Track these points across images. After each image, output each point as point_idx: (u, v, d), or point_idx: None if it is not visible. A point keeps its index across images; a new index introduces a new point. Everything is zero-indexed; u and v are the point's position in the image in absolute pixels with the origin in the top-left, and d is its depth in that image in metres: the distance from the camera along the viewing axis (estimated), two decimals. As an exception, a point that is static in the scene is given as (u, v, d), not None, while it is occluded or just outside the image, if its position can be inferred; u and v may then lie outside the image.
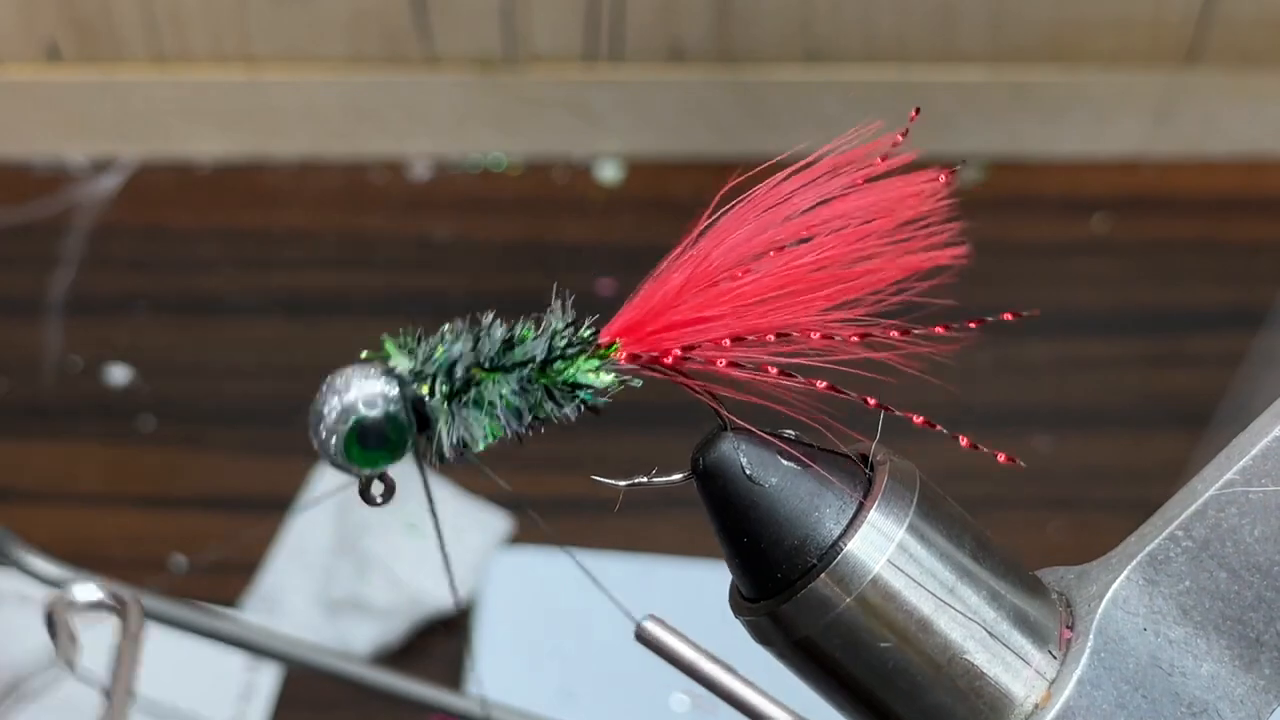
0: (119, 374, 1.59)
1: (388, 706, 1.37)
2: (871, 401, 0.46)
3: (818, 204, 0.46)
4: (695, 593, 1.43)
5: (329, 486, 1.48)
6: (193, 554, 1.47)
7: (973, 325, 0.47)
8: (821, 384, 0.45)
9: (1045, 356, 1.63)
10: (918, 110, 0.50)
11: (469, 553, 1.43)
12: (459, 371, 0.44)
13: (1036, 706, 0.46)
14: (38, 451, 1.55)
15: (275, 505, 1.47)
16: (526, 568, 1.44)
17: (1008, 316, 0.49)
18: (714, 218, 0.47)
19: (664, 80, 1.71)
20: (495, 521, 1.46)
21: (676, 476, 0.47)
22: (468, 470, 1.48)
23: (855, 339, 0.46)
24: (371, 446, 0.42)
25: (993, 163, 1.75)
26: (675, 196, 1.70)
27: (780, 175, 0.47)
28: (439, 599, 1.40)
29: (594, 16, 1.66)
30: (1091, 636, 0.46)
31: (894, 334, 0.46)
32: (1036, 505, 1.50)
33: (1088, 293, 1.70)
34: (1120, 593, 0.46)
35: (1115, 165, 1.78)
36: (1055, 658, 0.46)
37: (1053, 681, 0.46)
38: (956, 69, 1.71)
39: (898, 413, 0.46)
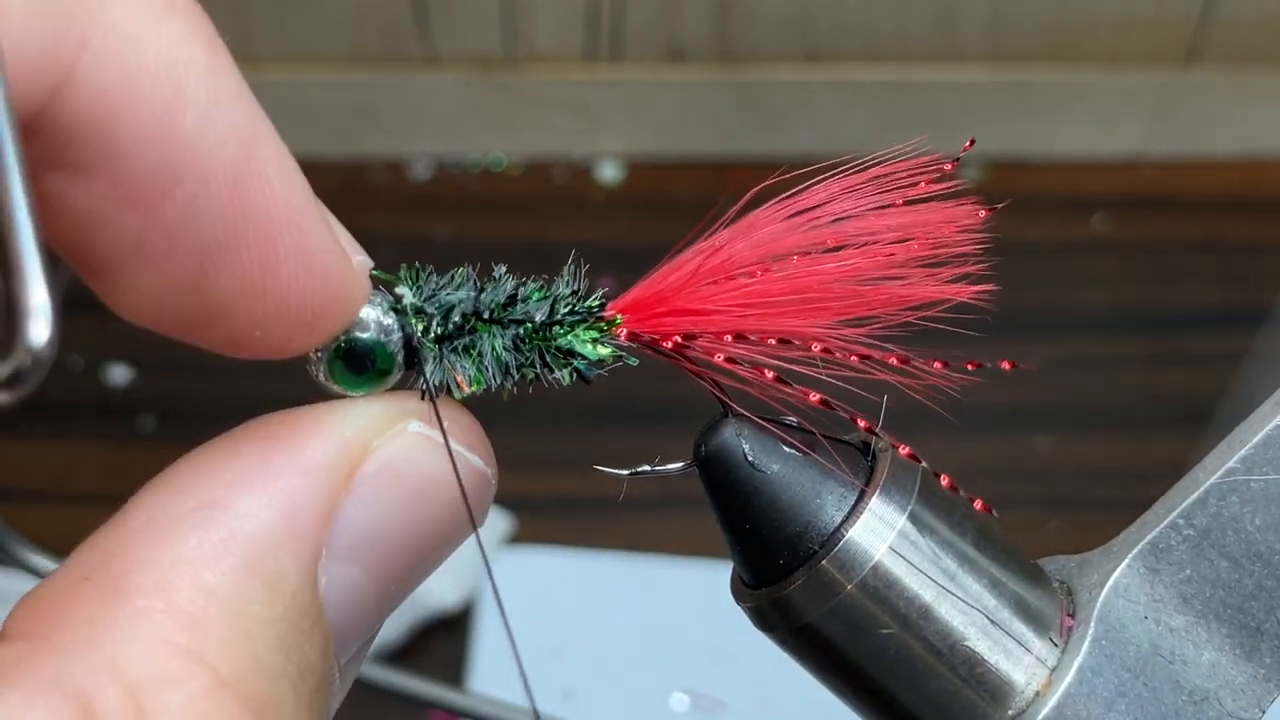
0: (119, 374, 1.59)
1: (389, 705, 1.37)
2: (863, 423, 0.46)
3: (850, 215, 0.46)
4: (695, 593, 1.44)
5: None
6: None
7: (970, 367, 0.47)
8: (815, 397, 0.45)
9: (1045, 356, 1.63)
10: (972, 141, 0.50)
11: (469, 552, 1.43)
12: (456, 317, 0.44)
13: (1037, 694, 0.45)
14: (38, 451, 1.55)
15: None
16: (526, 568, 1.44)
17: (1005, 366, 0.49)
18: (742, 211, 0.46)
19: (664, 80, 1.72)
20: (495, 521, 1.46)
21: (679, 465, 0.47)
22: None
23: (855, 358, 0.45)
24: (355, 369, 0.42)
25: (993, 163, 1.75)
26: (675, 196, 1.70)
27: (818, 179, 0.47)
28: (439, 599, 1.40)
29: (594, 16, 1.66)
30: (1093, 624, 0.46)
31: (893, 360, 0.46)
32: (1036, 505, 1.50)
33: (1088, 293, 1.70)
34: (1121, 581, 0.46)
35: (1115, 165, 1.79)
36: (1056, 645, 0.46)
37: (1054, 669, 0.46)
38: (956, 69, 1.71)
39: (884, 439, 0.46)
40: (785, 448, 0.46)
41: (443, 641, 1.42)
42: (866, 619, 0.45)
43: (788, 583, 0.46)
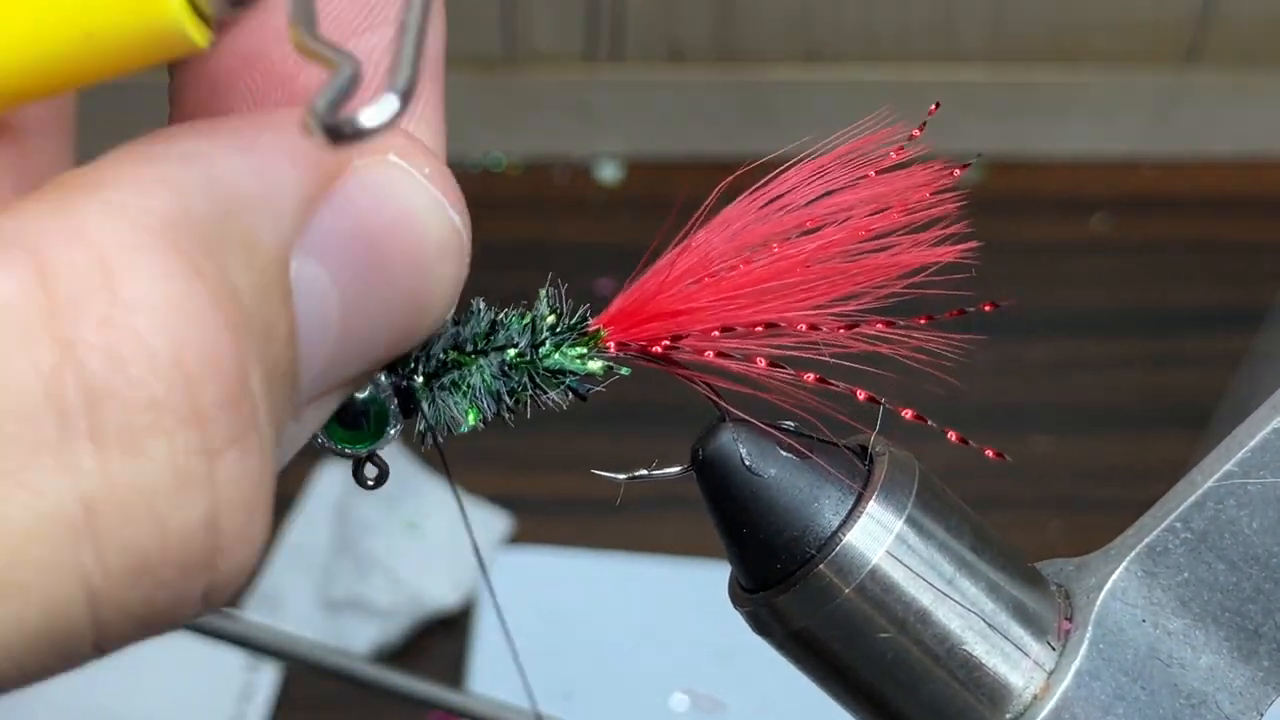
0: (119, 374, 1.60)
1: (388, 706, 1.37)
2: (862, 395, 0.46)
3: (824, 195, 0.46)
4: (695, 593, 1.44)
5: (330, 486, 1.48)
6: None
7: (954, 315, 0.46)
8: (810, 376, 0.45)
9: (1045, 356, 1.63)
10: (938, 105, 0.50)
11: (469, 553, 1.43)
12: (439, 354, 0.44)
13: (1035, 697, 0.45)
14: (38, 451, 1.55)
15: (275, 505, 1.47)
16: (526, 568, 1.44)
17: (987, 307, 0.49)
18: (711, 209, 0.46)
19: (664, 80, 1.72)
20: (495, 521, 1.46)
21: (676, 469, 0.47)
22: (468, 471, 1.49)
23: (843, 331, 0.45)
24: (352, 427, 0.42)
25: (993, 163, 1.75)
26: (675, 196, 1.69)
27: (785, 167, 0.47)
28: (439, 599, 1.40)
29: (594, 16, 1.66)
30: (1090, 628, 0.46)
31: (880, 326, 0.45)
32: (1036, 505, 1.50)
33: (1088, 293, 1.70)
34: (1119, 584, 0.46)
35: (1115, 165, 1.79)
36: (1054, 649, 0.46)
37: (1051, 673, 0.46)
38: (956, 69, 1.71)
39: (886, 404, 0.46)
40: (782, 451, 0.46)
41: (443, 641, 1.42)
42: (864, 623, 0.45)
43: (785, 587, 0.46)
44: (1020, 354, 1.62)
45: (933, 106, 0.49)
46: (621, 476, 0.47)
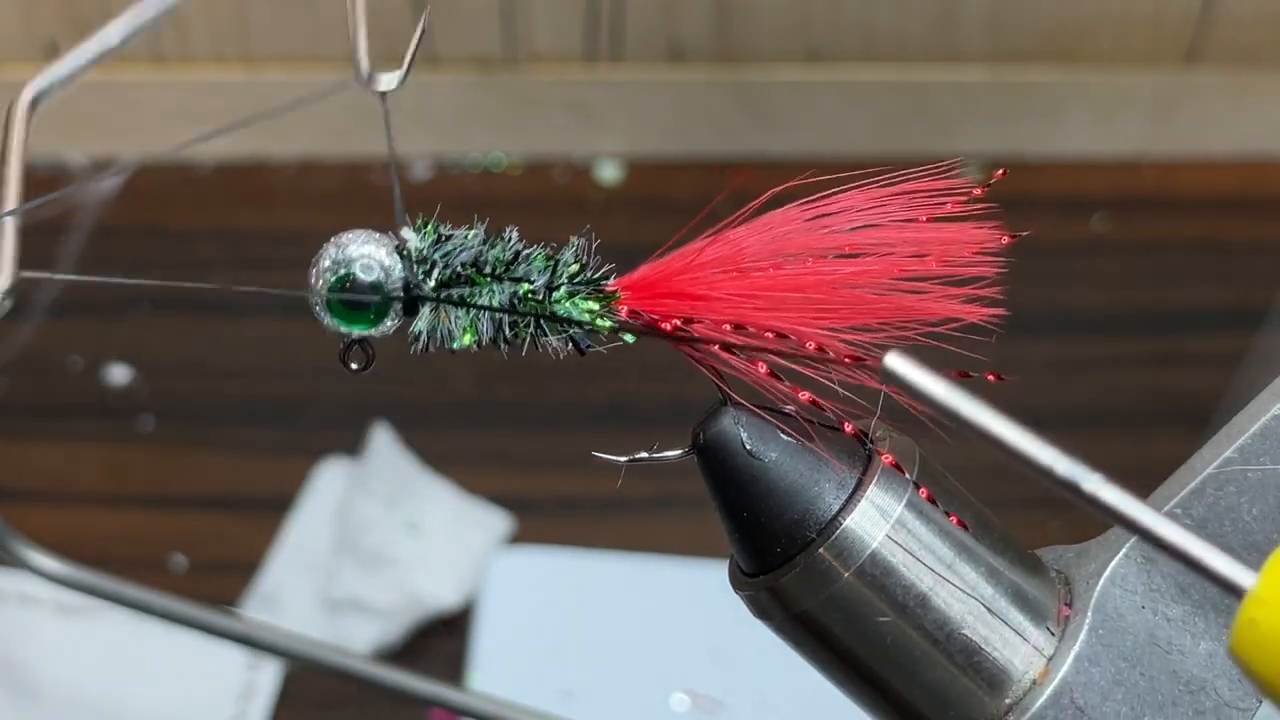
0: (119, 374, 1.59)
1: (389, 705, 1.37)
2: (849, 428, 0.46)
3: (871, 224, 0.46)
4: (695, 593, 1.44)
5: (330, 486, 1.48)
6: (193, 553, 1.47)
7: (959, 376, 0.47)
8: (805, 395, 0.45)
9: (1045, 356, 1.63)
10: (1005, 170, 0.50)
11: (469, 553, 1.43)
12: (457, 266, 0.44)
13: (1034, 682, 0.46)
14: (38, 451, 1.55)
15: (275, 505, 1.47)
16: (526, 568, 1.44)
17: (990, 378, 0.50)
18: (765, 206, 0.47)
19: (664, 80, 1.72)
20: (495, 521, 1.46)
21: (677, 452, 0.47)
22: (468, 471, 1.48)
23: (849, 359, 0.46)
24: (353, 307, 0.43)
25: (993, 163, 1.75)
26: (675, 196, 1.70)
27: (843, 189, 0.47)
28: (439, 599, 1.40)
29: (594, 16, 1.66)
30: (1090, 614, 0.46)
31: None
32: (1036, 505, 1.50)
33: (1088, 293, 1.70)
34: (1119, 570, 0.47)
35: (1115, 165, 1.79)
36: (1053, 635, 0.46)
37: (1050, 658, 0.46)
38: (956, 69, 1.71)
39: (870, 444, 0.46)
40: (783, 435, 0.46)
41: (443, 641, 1.42)
42: (864, 607, 0.45)
43: (785, 570, 0.46)
44: (1020, 354, 1.62)
45: (1000, 171, 0.50)
46: (622, 459, 0.47)
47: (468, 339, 0.44)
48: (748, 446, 0.45)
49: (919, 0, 1.66)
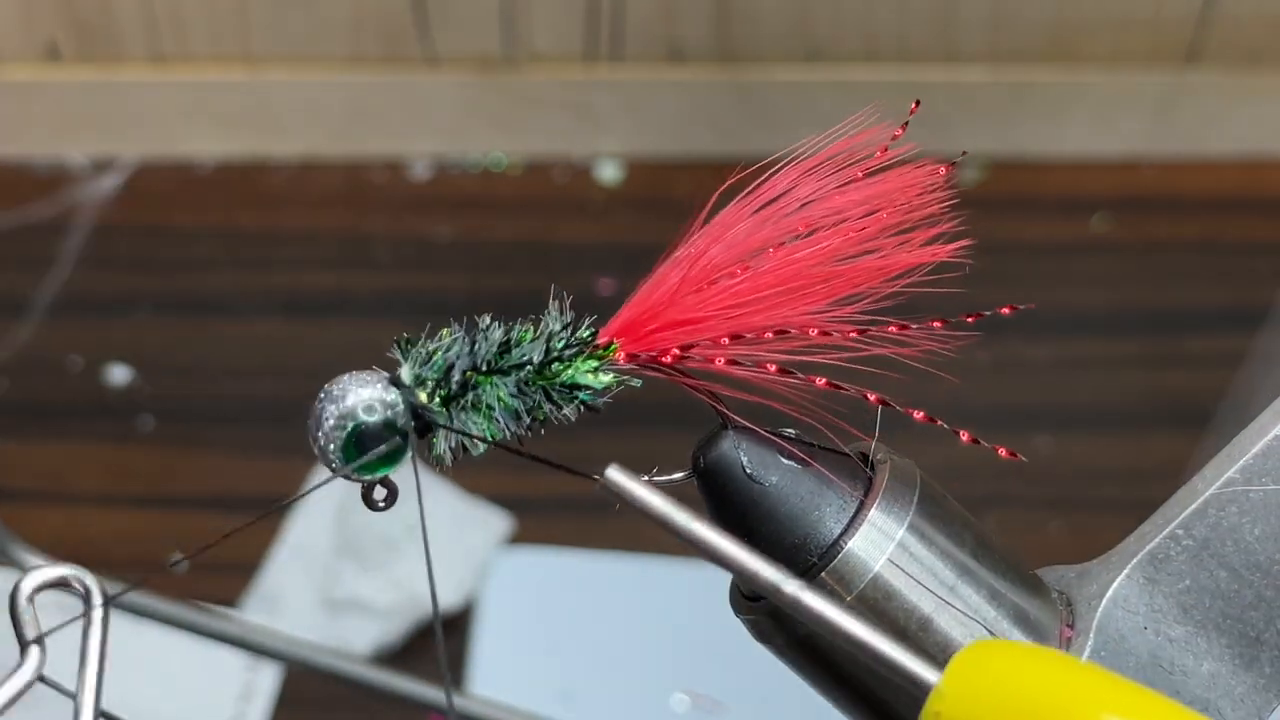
0: (119, 374, 1.59)
1: (388, 706, 1.37)
2: (873, 397, 0.46)
3: (815, 198, 0.46)
4: (695, 593, 1.44)
5: (330, 487, 1.48)
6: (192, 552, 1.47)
7: (970, 319, 0.46)
8: (821, 380, 0.45)
9: (1045, 356, 1.63)
10: (918, 103, 0.50)
11: (469, 553, 1.43)
12: (456, 375, 0.44)
13: (1037, 705, 0.45)
14: (37, 451, 1.55)
15: (275, 505, 1.47)
16: (526, 568, 1.44)
17: (1005, 311, 0.49)
18: (709, 215, 0.46)
19: (664, 80, 1.72)
20: (495, 521, 1.46)
21: (677, 475, 0.47)
22: (468, 471, 1.49)
23: (854, 335, 0.45)
24: (366, 450, 0.42)
25: (993, 163, 1.75)
26: (675, 196, 1.70)
27: (776, 170, 0.47)
28: (439, 599, 1.40)
29: (594, 16, 1.66)
30: (1092, 635, 0.46)
31: (892, 329, 0.46)
32: (1036, 505, 1.50)
33: (1088, 293, 1.70)
34: (1120, 591, 0.46)
35: (1115, 165, 1.78)
36: (1056, 656, 0.46)
37: (1053, 680, 0.46)
38: (956, 69, 1.71)
39: (899, 408, 0.46)
40: (784, 459, 0.46)
41: (443, 642, 1.42)
42: (866, 631, 0.45)
43: (787, 595, 0.46)
44: (1020, 354, 1.62)
45: (913, 105, 0.49)
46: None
47: (492, 440, 0.43)
48: (748, 470, 0.45)
49: (919, 0, 1.66)
